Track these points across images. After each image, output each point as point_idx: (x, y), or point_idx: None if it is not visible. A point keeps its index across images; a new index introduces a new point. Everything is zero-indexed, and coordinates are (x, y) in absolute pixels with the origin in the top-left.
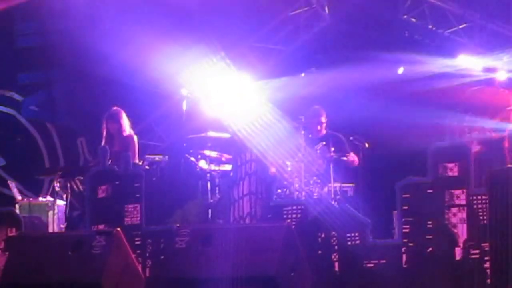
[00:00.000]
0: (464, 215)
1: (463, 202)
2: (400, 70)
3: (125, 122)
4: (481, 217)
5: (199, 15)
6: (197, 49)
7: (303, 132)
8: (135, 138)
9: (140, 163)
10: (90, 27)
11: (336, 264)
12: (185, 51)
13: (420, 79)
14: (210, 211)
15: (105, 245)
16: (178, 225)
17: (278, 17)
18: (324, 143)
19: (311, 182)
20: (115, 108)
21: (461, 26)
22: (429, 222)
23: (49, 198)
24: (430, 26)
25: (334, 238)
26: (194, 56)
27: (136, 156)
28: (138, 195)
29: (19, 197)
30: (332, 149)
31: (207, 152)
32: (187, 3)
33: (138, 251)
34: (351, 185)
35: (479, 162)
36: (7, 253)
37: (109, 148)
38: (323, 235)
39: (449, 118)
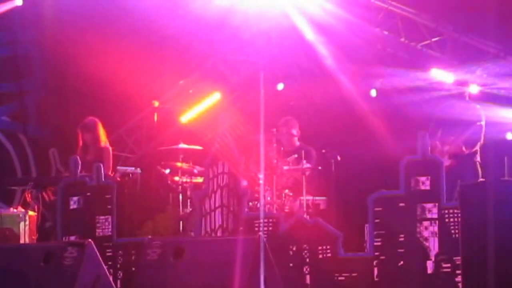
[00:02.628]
0: (436, 228)
1: (435, 216)
2: (373, 93)
3: (101, 132)
4: (453, 231)
5: (171, 28)
6: (169, 61)
7: (275, 144)
8: (110, 149)
9: (112, 175)
10: (61, 38)
11: (308, 277)
12: (156, 63)
13: (393, 92)
14: (181, 223)
15: (76, 257)
16: (149, 237)
17: (251, 29)
18: (296, 155)
19: (283, 194)
20: (91, 118)
21: (434, 39)
22: (401, 236)
23: (20, 209)
24: (402, 39)
25: (306, 251)
26: (166, 68)
27: (110, 167)
28: (109, 207)
29: None
30: (304, 161)
31: (178, 164)
32: (159, 16)
33: (110, 263)
34: (323, 198)
35: (451, 176)
36: None
37: (84, 158)
38: (294, 248)
39: (421, 132)
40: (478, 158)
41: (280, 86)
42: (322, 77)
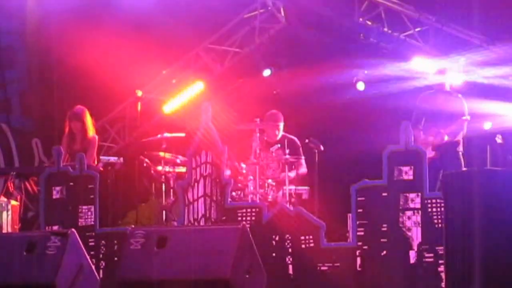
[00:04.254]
0: (419, 218)
1: (418, 206)
2: (361, 86)
3: (89, 121)
4: (436, 221)
5: (153, 17)
6: (152, 51)
7: (258, 134)
8: (97, 139)
9: (95, 165)
10: (44, 28)
11: (290, 267)
12: (140, 53)
13: (375, 82)
14: (164, 213)
15: (59, 246)
16: (132, 226)
17: (234, 19)
18: (279, 145)
19: (266, 184)
20: (79, 106)
21: (416, 30)
22: (384, 226)
23: (2, 199)
24: (385, 29)
25: (288, 241)
26: (149, 57)
27: (95, 157)
28: (92, 197)
29: None
30: (287, 151)
31: (161, 154)
32: (142, 5)
33: (92, 252)
34: (306, 188)
35: (434, 167)
36: None
37: (70, 147)
38: (277, 238)
39: (404, 122)
40: (460, 149)
41: (267, 72)
42: (305, 66)
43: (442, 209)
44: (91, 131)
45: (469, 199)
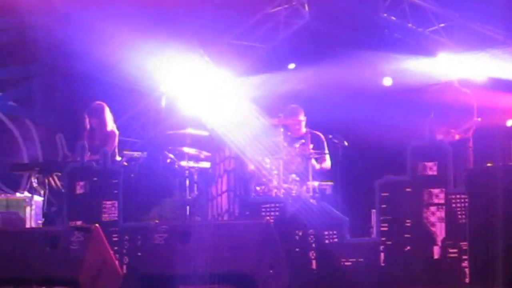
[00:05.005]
0: (443, 214)
1: (442, 201)
2: (388, 81)
3: (108, 116)
4: (459, 216)
5: (178, 12)
6: (175, 46)
7: (282, 129)
8: (117, 133)
9: (119, 159)
10: (68, 22)
11: (314, 262)
12: (164, 48)
13: (400, 77)
14: (188, 208)
15: (83, 241)
16: (156, 221)
17: (258, 14)
18: (303, 141)
19: (290, 179)
20: (98, 102)
21: (440, 25)
22: (408, 221)
23: (26, 194)
24: (410, 25)
25: (312, 236)
26: (173, 53)
27: (116, 152)
28: (116, 192)
29: None
30: (311, 146)
31: (185, 149)
32: (167, 1)
33: (116, 248)
34: (329, 183)
35: None
36: None
37: (90, 143)
38: (300, 233)
39: (429, 117)
40: (470, 144)
41: (292, 66)
42: (329, 61)
43: (466, 204)
44: (109, 126)
45: (493, 195)
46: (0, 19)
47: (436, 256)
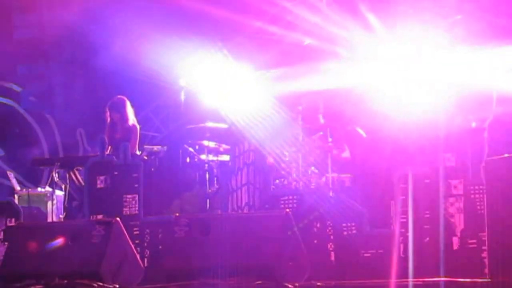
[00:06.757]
0: (461, 204)
1: (461, 192)
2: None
3: (129, 110)
4: (478, 207)
5: (197, 5)
6: (195, 40)
7: (301, 122)
8: (138, 127)
9: (139, 153)
10: (88, 18)
11: (332, 253)
12: (183, 42)
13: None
14: (208, 201)
15: (104, 235)
16: (176, 215)
17: (277, 7)
18: (321, 133)
19: (309, 172)
20: (119, 96)
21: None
22: (427, 212)
23: (48, 188)
24: None
25: (330, 228)
26: (193, 46)
27: (137, 146)
28: (136, 185)
29: (18, 188)
30: (330, 139)
31: (205, 143)
32: None
33: (137, 241)
34: (348, 175)
35: None
36: (6, 243)
37: (111, 137)
38: (318, 225)
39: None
40: (486, 134)
41: (308, 41)
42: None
43: (484, 195)
44: (130, 121)
45: (511, 185)
46: (20, 16)
47: (455, 247)
